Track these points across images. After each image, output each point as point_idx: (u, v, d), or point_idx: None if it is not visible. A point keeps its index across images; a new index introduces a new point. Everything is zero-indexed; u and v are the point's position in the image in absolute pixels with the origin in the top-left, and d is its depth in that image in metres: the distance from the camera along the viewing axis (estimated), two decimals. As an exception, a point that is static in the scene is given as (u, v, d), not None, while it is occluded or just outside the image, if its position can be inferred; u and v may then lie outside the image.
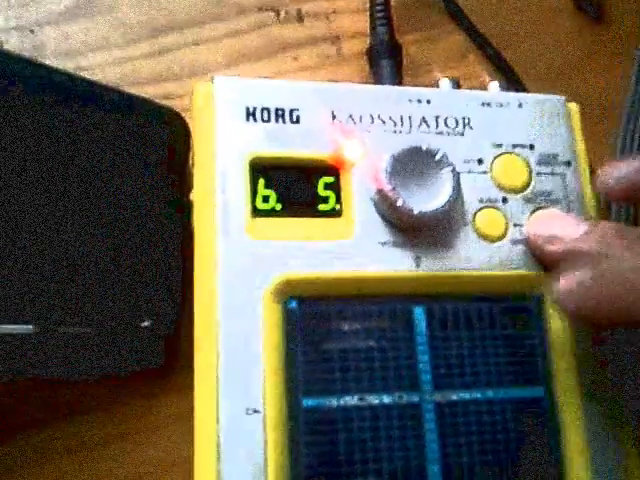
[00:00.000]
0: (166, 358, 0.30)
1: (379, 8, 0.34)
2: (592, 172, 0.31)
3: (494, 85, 0.33)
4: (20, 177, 0.28)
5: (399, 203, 0.27)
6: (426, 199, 0.28)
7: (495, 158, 0.30)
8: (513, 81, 0.36)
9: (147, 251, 0.30)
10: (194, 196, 0.28)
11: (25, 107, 0.28)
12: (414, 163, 0.28)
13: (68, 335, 0.28)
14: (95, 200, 0.29)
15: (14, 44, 0.34)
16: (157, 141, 0.31)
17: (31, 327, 0.28)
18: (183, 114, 0.32)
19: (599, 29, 0.41)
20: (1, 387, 0.29)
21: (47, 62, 0.34)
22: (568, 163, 0.31)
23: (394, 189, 0.27)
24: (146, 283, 0.30)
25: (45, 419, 0.29)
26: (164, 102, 0.33)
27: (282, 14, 0.37)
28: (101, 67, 0.35)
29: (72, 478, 0.29)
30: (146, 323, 0.29)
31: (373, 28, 0.35)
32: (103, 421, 0.30)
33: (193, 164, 0.28)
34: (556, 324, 0.29)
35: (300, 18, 0.37)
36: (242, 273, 0.26)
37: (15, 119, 0.28)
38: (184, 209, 0.29)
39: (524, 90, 0.36)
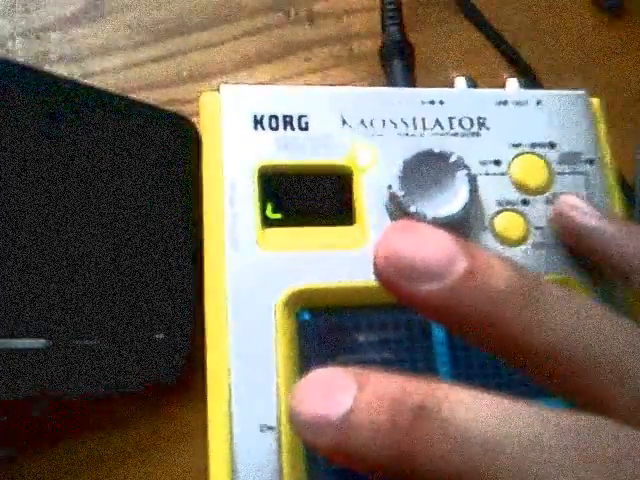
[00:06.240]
0: (182, 372, 0.30)
1: (390, 7, 0.33)
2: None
3: (513, 82, 0.32)
4: (30, 191, 0.28)
5: (412, 209, 0.26)
6: (441, 204, 0.27)
7: (513, 158, 0.29)
8: (530, 78, 0.35)
9: (159, 263, 0.29)
10: (203, 208, 0.27)
11: (29, 117, 0.28)
12: (427, 167, 0.27)
13: (82, 348, 0.28)
14: (107, 212, 0.29)
15: (19, 50, 0.34)
16: (167, 150, 0.30)
17: (45, 341, 0.27)
18: (194, 119, 0.31)
19: (618, 24, 0.39)
20: (17, 403, 0.29)
21: (53, 68, 0.33)
22: (591, 161, 0.30)
23: (406, 195, 0.26)
24: (159, 296, 0.29)
25: (60, 435, 0.29)
26: (174, 107, 0.32)
27: (292, 15, 0.36)
28: (108, 72, 0.34)
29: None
30: (160, 336, 0.29)
31: (384, 28, 0.34)
32: (119, 436, 0.29)
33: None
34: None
35: (311, 18, 0.36)
36: (253, 285, 0.26)
37: (19, 130, 0.28)
38: (197, 220, 0.29)
39: (541, 87, 0.35)
